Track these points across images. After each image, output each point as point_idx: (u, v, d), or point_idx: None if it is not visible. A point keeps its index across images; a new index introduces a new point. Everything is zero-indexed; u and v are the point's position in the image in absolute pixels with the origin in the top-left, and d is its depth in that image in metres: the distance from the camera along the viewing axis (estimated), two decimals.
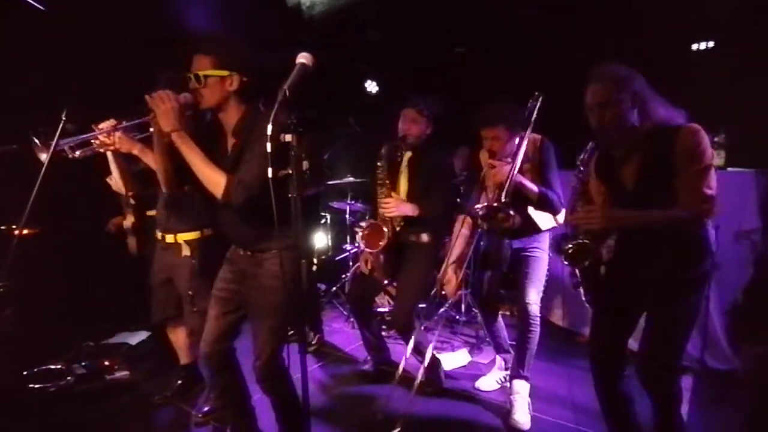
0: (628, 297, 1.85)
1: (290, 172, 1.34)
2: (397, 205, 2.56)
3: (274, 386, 1.89)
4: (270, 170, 1.31)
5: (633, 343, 1.92)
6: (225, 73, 1.65)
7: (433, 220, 2.63)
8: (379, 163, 2.63)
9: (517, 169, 2.25)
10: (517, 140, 2.29)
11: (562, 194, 2.39)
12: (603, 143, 1.78)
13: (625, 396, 1.95)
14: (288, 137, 1.33)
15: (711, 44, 3.28)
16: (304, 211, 2.83)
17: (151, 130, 1.73)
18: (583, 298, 1.94)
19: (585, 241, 1.74)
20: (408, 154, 2.69)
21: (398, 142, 2.62)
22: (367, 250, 2.66)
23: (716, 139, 3.07)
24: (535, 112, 2.27)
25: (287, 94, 1.31)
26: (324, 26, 3.74)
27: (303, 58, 1.40)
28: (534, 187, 2.34)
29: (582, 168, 1.81)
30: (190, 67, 1.68)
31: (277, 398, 1.94)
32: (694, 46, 3.34)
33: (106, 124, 2.01)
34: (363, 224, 2.72)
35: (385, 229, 2.58)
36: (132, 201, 2.74)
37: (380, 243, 2.59)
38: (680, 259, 1.72)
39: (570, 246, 1.78)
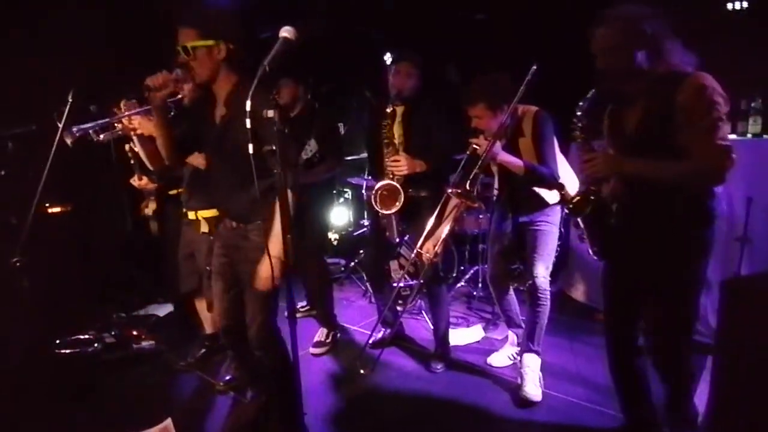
0: (632, 250, 1.76)
1: (274, 148, 1.34)
2: (407, 164, 2.52)
3: (267, 354, 1.93)
4: (251, 146, 1.32)
5: None
6: (211, 42, 1.65)
7: (436, 175, 2.59)
8: (384, 122, 2.59)
9: (491, 147, 2.21)
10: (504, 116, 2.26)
11: (557, 168, 2.33)
12: (608, 89, 1.70)
13: (638, 370, 1.90)
14: (270, 113, 1.33)
15: (745, 4, 3.02)
16: (318, 189, 2.94)
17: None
18: (589, 251, 1.88)
19: (587, 192, 1.71)
20: (401, 109, 2.63)
21: (392, 99, 2.57)
22: (384, 211, 2.62)
23: (753, 105, 2.86)
24: (524, 84, 2.18)
25: (267, 69, 1.30)
26: None
27: (286, 32, 1.36)
28: (519, 163, 2.28)
29: (580, 116, 1.73)
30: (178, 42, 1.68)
31: (270, 366, 1.97)
32: (729, 6, 3.08)
33: (124, 105, 2.12)
34: (376, 186, 2.66)
35: (400, 189, 2.55)
36: (154, 190, 2.89)
37: (397, 203, 2.57)
38: (684, 214, 1.62)
39: (574, 197, 1.75)
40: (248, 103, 1.28)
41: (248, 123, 1.29)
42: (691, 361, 1.79)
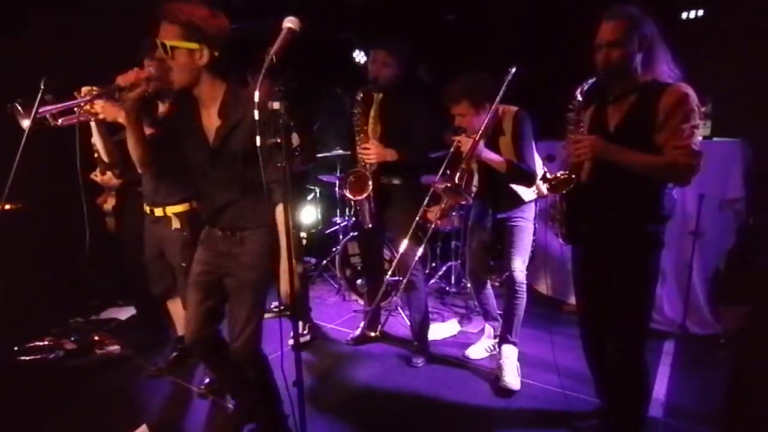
0: (591, 238, 1.88)
1: (279, 141, 1.31)
2: (377, 152, 2.54)
3: (252, 366, 1.85)
4: (258, 139, 1.28)
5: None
6: (194, 45, 1.52)
7: (412, 165, 2.62)
8: (355, 110, 2.59)
9: (477, 145, 2.28)
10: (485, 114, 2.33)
11: (535, 166, 2.41)
12: (606, 82, 1.77)
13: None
14: (276, 105, 1.30)
15: (701, 12, 3.25)
16: (292, 185, 2.88)
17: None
18: (557, 233, 1.96)
19: (567, 173, 1.78)
20: (379, 97, 2.63)
21: (368, 86, 2.58)
22: (353, 198, 2.64)
23: (703, 109, 3.08)
24: (505, 85, 2.26)
25: (274, 60, 1.27)
26: None
27: (290, 22, 1.34)
28: (501, 160, 2.36)
29: (580, 98, 1.79)
30: (158, 34, 1.56)
31: (253, 377, 1.89)
32: (684, 14, 3.30)
33: (85, 90, 1.96)
34: (348, 174, 2.69)
35: (368, 175, 2.57)
36: (117, 183, 2.72)
37: (365, 190, 2.59)
38: (639, 209, 1.74)
39: (556, 175, 1.82)
40: (256, 94, 1.24)
41: (256, 114, 1.25)
42: (644, 359, 1.85)
